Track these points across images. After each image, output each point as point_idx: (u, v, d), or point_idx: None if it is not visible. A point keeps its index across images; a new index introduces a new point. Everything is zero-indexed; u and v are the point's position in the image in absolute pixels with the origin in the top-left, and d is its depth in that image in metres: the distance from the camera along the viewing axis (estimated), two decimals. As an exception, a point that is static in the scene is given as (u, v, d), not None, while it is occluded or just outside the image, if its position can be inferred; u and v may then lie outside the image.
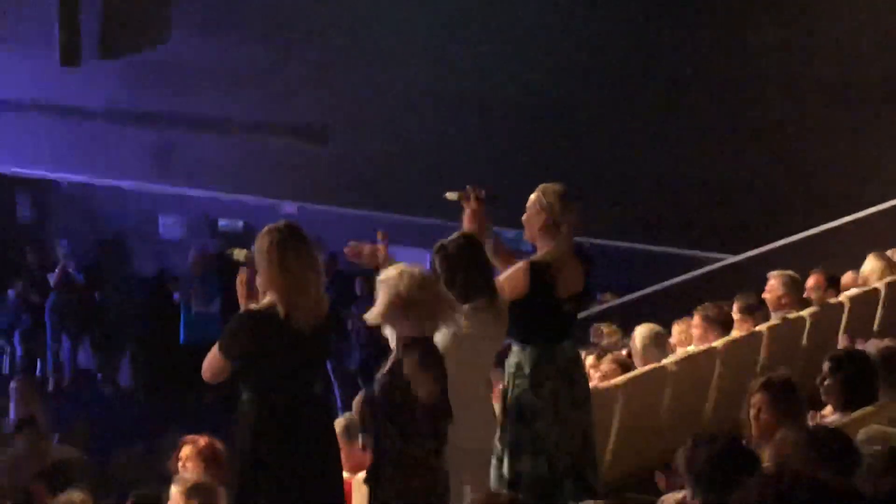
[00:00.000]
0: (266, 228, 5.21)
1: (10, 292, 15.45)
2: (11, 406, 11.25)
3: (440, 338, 5.55)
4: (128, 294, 15.15)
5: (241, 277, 5.30)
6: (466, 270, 5.73)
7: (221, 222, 15.22)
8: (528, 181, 6.17)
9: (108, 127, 14.44)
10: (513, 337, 6.03)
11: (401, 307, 5.13)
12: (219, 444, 7.59)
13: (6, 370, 15.21)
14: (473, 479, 5.81)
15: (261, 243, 5.18)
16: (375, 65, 13.04)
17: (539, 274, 5.86)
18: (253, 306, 5.25)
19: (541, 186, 6.01)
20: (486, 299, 5.74)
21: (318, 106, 13.27)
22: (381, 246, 5.93)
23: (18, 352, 15.17)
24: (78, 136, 14.72)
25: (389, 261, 5.74)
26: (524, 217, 6.01)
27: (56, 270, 14.75)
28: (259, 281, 5.28)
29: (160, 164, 14.18)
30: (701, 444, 4.45)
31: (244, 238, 14.77)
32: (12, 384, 11.61)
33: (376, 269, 5.60)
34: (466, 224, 6.10)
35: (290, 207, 12.67)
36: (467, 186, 6.16)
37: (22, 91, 14.96)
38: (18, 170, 15.51)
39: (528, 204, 5.99)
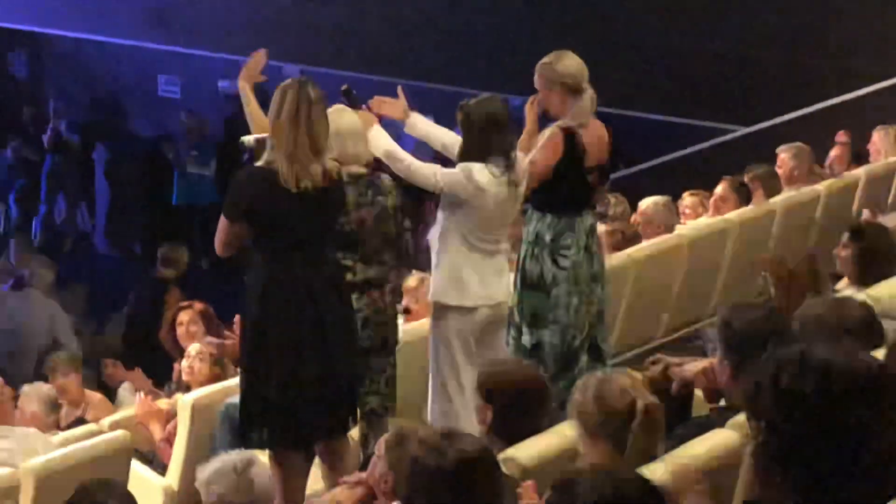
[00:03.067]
0: (284, 82, 5.07)
1: (7, 151, 15.28)
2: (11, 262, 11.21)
3: (452, 191, 5.55)
4: (125, 154, 14.98)
5: None
6: (483, 130, 5.60)
7: (221, 83, 15.00)
8: (539, 48, 6.02)
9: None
10: (533, 205, 5.92)
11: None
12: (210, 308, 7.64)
13: (2, 228, 15.11)
14: (484, 342, 5.76)
15: (276, 96, 5.05)
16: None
17: (570, 140, 5.77)
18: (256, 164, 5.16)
19: (546, 58, 5.85)
20: (502, 162, 5.61)
21: (324, -35, 13.01)
22: (403, 100, 5.91)
23: (14, 211, 15.05)
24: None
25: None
26: (542, 98, 5.90)
27: (48, 131, 14.52)
28: (266, 135, 5.19)
29: (161, 22, 13.91)
30: (737, 310, 4.40)
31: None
32: (11, 243, 11.57)
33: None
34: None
35: (293, 70, 12.44)
36: None
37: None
38: (13, 25, 15.23)
39: (541, 81, 5.85)
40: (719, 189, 8.16)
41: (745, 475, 3.82)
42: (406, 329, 6.42)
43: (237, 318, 6.26)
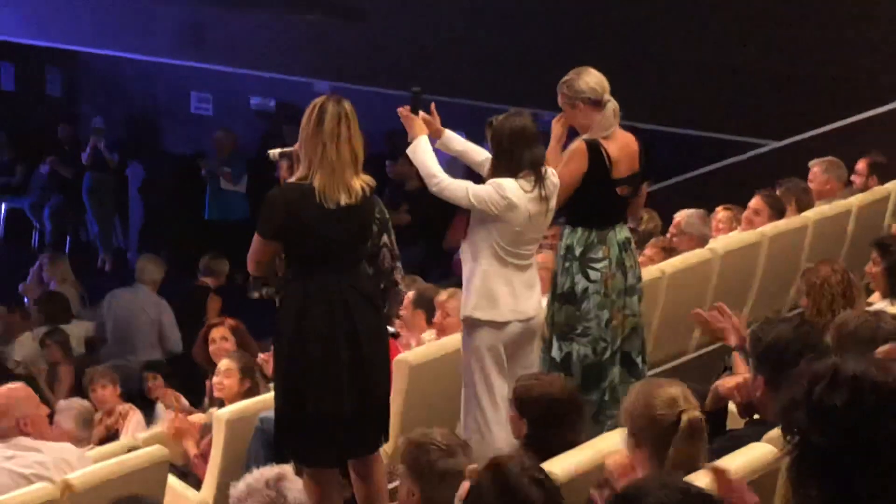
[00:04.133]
0: (318, 98, 5.11)
1: (43, 167, 15.40)
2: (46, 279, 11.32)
3: (484, 207, 5.53)
4: (158, 171, 15.08)
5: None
6: (512, 145, 5.61)
7: (253, 100, 15.10)
8: (567, 65, 6.02)
9: (140, 1, 14.24)
10: (565, 218, 5.95)
11: None
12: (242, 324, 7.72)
13: (35, 245, 15.24)
14: (516, 356, 5.77)
15: (312, 112, 5.08)
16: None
17: (595, 152, 5.76)
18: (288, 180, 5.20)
19: (567, 76, 5.88)
20: (533, 176, 5.62)
21: (354, -17, 13.07)
22: (435, 117, 5.90)
23: (48, 227, 15.17)
24: (109, 10, 14.54)
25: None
26: (567, 116, 5.92)
27: (87, 149, 14.65)
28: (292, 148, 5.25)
29: (193, 40, 14.00)
30: (770, 324, 4.42)
31: (276, 116, 14.66)
32: (44, 259, 11.67)
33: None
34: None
35: (323, 86, 12.51)
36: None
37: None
38: (48, 43, 15.35)
39: (563, 99, 5.88)
40: (752, 203, 8.18)
41: (783, 489, 3.82)
42: (437, 344, 6.45)
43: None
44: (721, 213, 8.41)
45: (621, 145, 5.87)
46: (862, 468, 2.58)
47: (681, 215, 8.08)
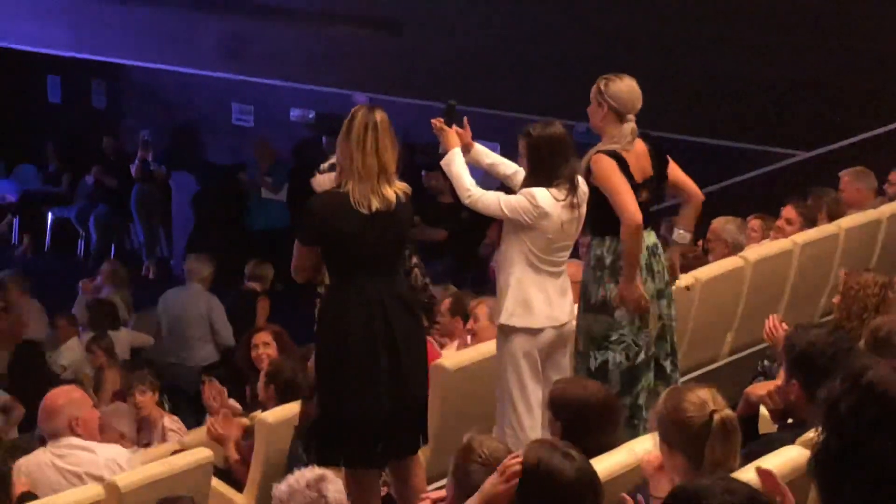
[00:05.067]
0: (353, 108, 5.26)
1: (88, 178, 15.65)
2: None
3: (516, 216, 5.66)
4: (201, 181, 15.26)
5: None
6: (548, 154, 5.72)
7: (293, 112, 15.25)
8: (601, 75, 6.07)
9: (182, 15, 14.42)
10: (591, 231, 6.05)
11: None
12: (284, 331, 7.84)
13: (80, 254, 15.47)
14: (550, 361, 5.89)
15: (345, 121, 5.24)
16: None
17: (618, 159, 5.86)
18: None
19: (609, 74, 5.98)
20: (566, 185, 5.74)
21: (393, -4, 13.20)
22: (467, 130, 6.00)
23: (93, 237, 15.39)
24: (153, 24, 14.73)
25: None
26: (591, 108, 6.00)
27: (136, 161, 14.89)
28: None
29: (234, 53, 14.17)
30: (804, 329, 4.49)
31: (315, 128, 14.80)
32: (106, 266, 11.89)
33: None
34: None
35: (361, 98, 12.64)
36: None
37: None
38: (94, 57, 15.57)
39: (594, 91, 5.97)
40: (784, 212, 8.25)
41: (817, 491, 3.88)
42: (474, 350, 6.56)
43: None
44: (753, 222, 8.48)
45: (631, 151, 5.93)
46: (851, 477, 2.55)
47: (717, 222, 8.18)
